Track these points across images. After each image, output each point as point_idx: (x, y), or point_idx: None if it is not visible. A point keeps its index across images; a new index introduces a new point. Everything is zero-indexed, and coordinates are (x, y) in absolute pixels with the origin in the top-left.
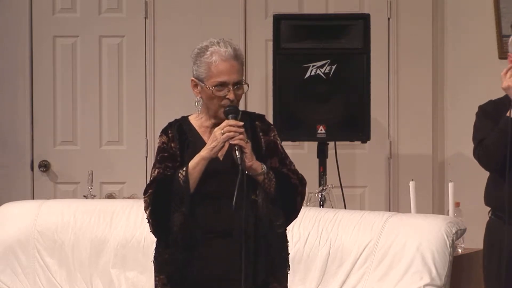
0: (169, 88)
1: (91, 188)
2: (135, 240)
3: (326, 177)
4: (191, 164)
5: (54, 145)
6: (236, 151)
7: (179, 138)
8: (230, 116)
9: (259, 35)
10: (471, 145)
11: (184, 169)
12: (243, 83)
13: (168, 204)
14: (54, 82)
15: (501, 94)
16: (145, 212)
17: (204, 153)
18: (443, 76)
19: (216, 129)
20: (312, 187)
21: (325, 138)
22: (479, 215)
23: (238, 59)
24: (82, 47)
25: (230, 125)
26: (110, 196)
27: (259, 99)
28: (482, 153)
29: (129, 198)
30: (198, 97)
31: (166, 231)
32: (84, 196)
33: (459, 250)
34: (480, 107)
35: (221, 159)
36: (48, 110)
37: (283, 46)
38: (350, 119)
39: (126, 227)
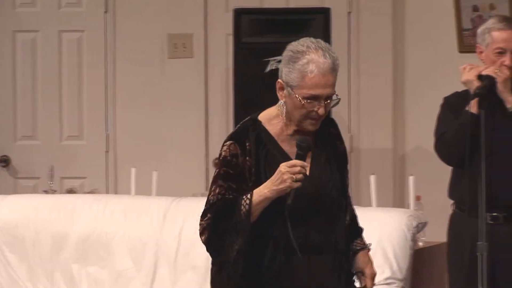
0: (129, 83)
1: (51, 183)
2: (96, 235)
3: None
4: (255, 199)
5: (14, 140)
6: (291, 192)
7: (256, 152)
8: (300, 153)
9: (219, 29)
10: (431, 139)
11: (248, 201)
12: (336, 97)
13: (226, 233)
14: (14, 77)
15: (461, 88)
16: (200, 237)
17: (269, 193)
18: (403, 70)
19: (284, 168)
20: None
21: None
22: (440, 209)
23: (335, 71)
24: (42, 42)
25: (301, 168)
26: (70, 191)
27: (220, 93)
28: (442, 147)
29: (89, 193)
30: (282, 101)
31: (225, 257)
32: (45, 191)
33: (420, 244)
34: (445, 99)
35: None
36: (8, 105)
37: (243, 40)
38: None
39: (87, 222)
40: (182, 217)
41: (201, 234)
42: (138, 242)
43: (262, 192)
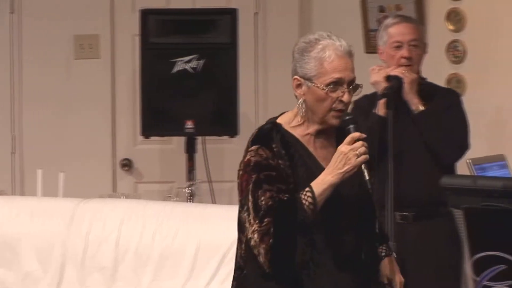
0: (36, 84)
1: None
2: (2, 237)
3: (194, 172)
4: (317, 189)
5: None
6: (364, 169)
7: (287, 153)
8: (352, 127)
9: (126, 30)
10: None
11: (310, 194)
12: (359, 86)
13: (292, 235)
14: None
15: (369, 88)
16: (260, 244)
17: (334, 178)
18: None
19: (344, 148)
20: (180, 182)
21: (193, 133)
22: None
23: (352, 55)
24: None
25: (361, 141)
26: None
27: (127, 93)
28: None
29: None
30: (301, 100)
31: (287, 265)
32: None
33: None
34: (355, 102)
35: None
36: None
37: (150, 41)
38: (218, 113)
39: None
40: (89, 219)
41: (261, 241)
42: (45, 243)
43: (325, 180)
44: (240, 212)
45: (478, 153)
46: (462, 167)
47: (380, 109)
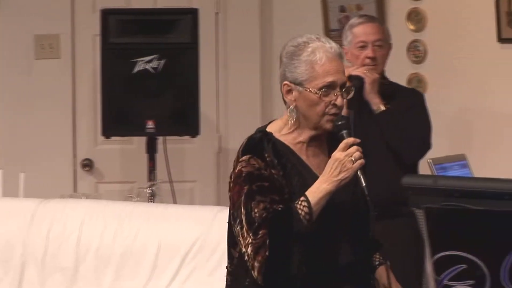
0: None
1: None
2: None
3: (156, 172)
4: (313, 198)
5: None
6: (360, 175)
7: (279, 162)
8: (345, 132)
9: (87, 29)
10: None
11: (305, 204)
12: (351, 88)
13: (287, 247)
14: None
15: None
16: (254, 258)
17: (330, 186)
18: (271, 70)
19: (339, 154)
20: (141, 182)
21: (154, 133)
22: None
23: (342, 58)
24: None
25: (355, 146)
26: None
27: (87, 94)
28: None
29: None
30: (291, 107)
31: (282, 277)
32: None
33: None
34: None
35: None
36: None
37: (111, 41)
38: (180, 113)
39: None
40: (50, 219)
41: (255, 254)
42: (5, 244)
43: (320, 188)
44: (231, 225)
45: (439, 153)
46: (423, 166)
47: None
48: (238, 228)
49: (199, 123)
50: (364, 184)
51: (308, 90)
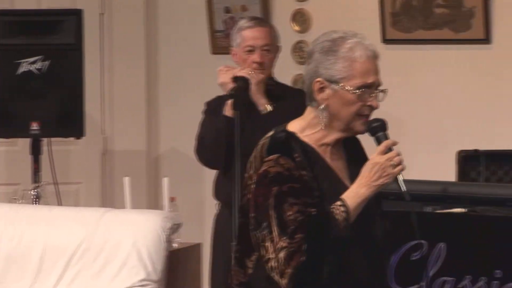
0: None
1: None
2: None
3: (40, 174)
4: (351, 203)
5: None
6: (399, 178)
7: (309, 164)
8: (381, 134)
9: None
10: (186, 140)
11: (343, 209)
12: (384, 91)
13: (323, 254)
14: None
15: (214, 89)
16: (290, 263)
17: (369, 191)
18: (156, 72)
19: (379, 158)
20: (26, 184)
21: (38, 135)
22: (195, 209)
23: (378, 58)
24: None
25: (395, 150)
26: None
27: None
28: (202, 151)
29: None
30: (323, 105)
31: (313, 285)
32: None
33: (175, 245)
34: (207, 104)
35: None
36: None
37: None
38: (64, 115)
39: None
40: None
41: (290, 259)
42: None
43: (359, 193)
44: (246, 233)
45: None
46: None
47: (228, 110)
48: (264, 232)
49: (84, 124)
50: (404, 189)
51: (345, 88)
